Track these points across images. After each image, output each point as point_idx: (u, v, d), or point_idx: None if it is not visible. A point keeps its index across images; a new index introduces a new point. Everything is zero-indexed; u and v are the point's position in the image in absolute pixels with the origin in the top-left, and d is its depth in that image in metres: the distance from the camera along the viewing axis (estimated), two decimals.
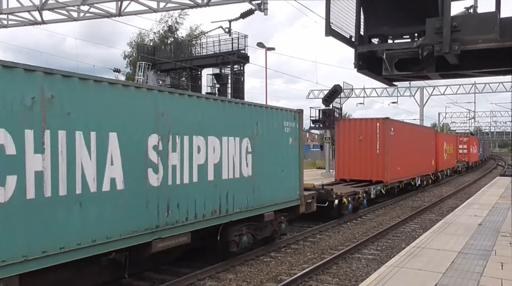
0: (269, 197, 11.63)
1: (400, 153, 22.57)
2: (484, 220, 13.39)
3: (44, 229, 6.37)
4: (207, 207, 9.51)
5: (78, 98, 6.87)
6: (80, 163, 6.89)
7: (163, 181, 8.45)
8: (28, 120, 6.21)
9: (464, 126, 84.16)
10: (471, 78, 39.53)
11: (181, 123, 8.91)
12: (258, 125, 11.31)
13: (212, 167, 9.73)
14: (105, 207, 7.28)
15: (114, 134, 7.45)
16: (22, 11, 20.16)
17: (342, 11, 4.03)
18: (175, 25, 41.35)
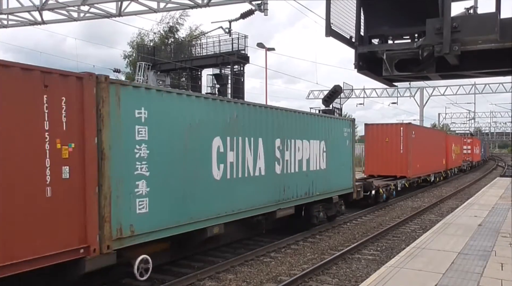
0: (335, 185, 15.55)
1: (419, 153, 25.99)
2: (484, 220, 13.39)
3: (232, 197, 10.49)
4: (303, 190, 13.55)
5: (246, 116, 11.08)
6: (246, 157, 11.01)
7: (282, 170, 12.50)
8: (228, 131, 10.39)
9: (464, 127, 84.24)
10: (471, 79, 39.57)
11: (290, 131, 12.96)
12: (329, 131, 15.32)
13: (305, 162, 13.72)
14: (257, 186, 11.37)
15: (261, 139, 11.62)
16: (22, 11, 20.16)
17: (342, 11, 4.04)
18: (176, 25, 41.39)
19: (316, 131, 14.48)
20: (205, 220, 9.65)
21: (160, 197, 8.51)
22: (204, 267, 10.31)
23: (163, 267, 10.34)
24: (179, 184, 8.99)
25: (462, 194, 27.16)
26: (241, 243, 12.92)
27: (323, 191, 14.65)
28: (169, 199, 8.72)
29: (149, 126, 8.27)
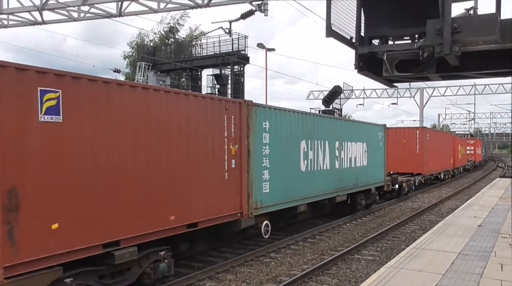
0: (372, 178, 19.13)
1: (432, 153, 29.65)
2: (484, 221, 13.40)
3: (311, 185, 13.98)
4: (351, 181, 17.03)
5: (318, 125, 14.67)
6: (319, 155, 14.59)
7: (339, 166, 15.98)
8: (309, 135, 13.95)
9: (464, 128, 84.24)
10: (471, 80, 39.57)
11: (344, 135, 16.51)
12: (369, 135, 18.88)
13: (353, 159, 17.26)
14: (325, 177, 14.99)
15: (327, 141, 15.20)
16: (23, 11, 20.16)
17: (343, 12, 4.04)
18: (176, 26, 41.37)
19: (360, 135, 18.09)
20: (297, 200, 13.35)
21: (275, 182, 12.16)
22: (204, 267, 10.31)
23: None
24: (283, 173, 12.59)
25: (462, 195, 27.16)
26: (241, 243, 12.93)
27: (365, 183, 18.40)
28: (279, 184, 12.33)
29: (270, 133, 12.05)
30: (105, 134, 7.48)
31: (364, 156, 18.34)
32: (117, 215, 7.67)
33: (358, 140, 17.77)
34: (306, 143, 13.85)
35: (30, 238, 6.35)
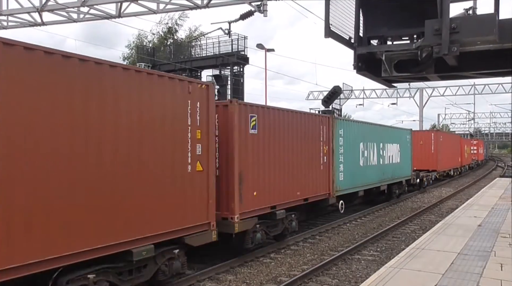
0: (403, 173, 23.98)
1: (444, 153, 34.59)
2: (484, 221, 13.40)
3: (365, 176, 18.64)
4: (389, 175, 21.67)
5: (369, 130, 19.40)
6: (370, 153, 19.17)
7: (382, 162, 20.71)
8: (364, 138, 18.75)
9: (464, 127, 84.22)
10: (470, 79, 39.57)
11: (385, 138, 21.27)
12: (400, 137, 23.85)
13: (391, 157, 21.95)
14: (373, 171, 19.41)
15: (374, 143, 19.61)
16: (22, 12, 20.14)
17: (341, 12, 4.04)
18: (175, 26, 41.36)
19: (395, 138, 23.07)
20: (358, 187, 18.14)
21: (346, 173, 16.84)
22: (204, 268, 10.31)
23: None
24: (350, 167, 17.26)
25: (461, 195, 27.16)
26: None
27: (398, 176, 23.17)
28: (348, 174, 17.01)
29: (343, 138, 16.79)
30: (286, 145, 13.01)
31: (397, 154, 23.17)
32: (279, 189, 12.50)
33: (393, 142, 22.68)
34: (362, 144, 18.69)
35: (246, 199, 11.03)
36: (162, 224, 8.32)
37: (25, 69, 6.24)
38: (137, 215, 7.79)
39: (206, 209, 9.45)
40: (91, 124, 7.04)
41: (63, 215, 6.62)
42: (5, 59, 6.04)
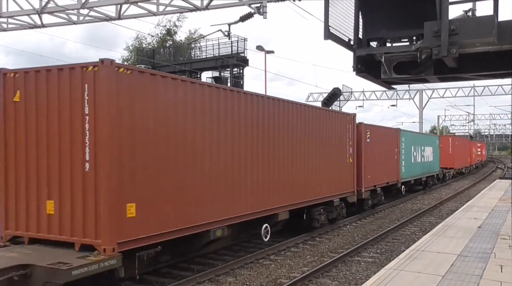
0: (434, 169, 31.92)
1: (458, 154, 41.86)
2: (484, 223, 13.39)
3: (414, 170, 26.66)
4: (426, 170, 29.68)
5: (414, 137, 27.85)
6: (417, 154, 27.22)
7: (423, 160, 28.58)
8: (413, 143, 26.59)
9: (464, 129, 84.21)
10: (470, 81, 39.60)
11: (424, 142, 29.64)
12: (433, 142, 32.03)
13: (427, 156, 29.68)
14: (418, 166, 27.68)
15: (418, 147, 27.56)
16: (22, 14, 20.16)
17: (341, 14, 4.05)
18: (174, 28, 41.36)
19: (429, 142, 31.10)
20: (410, 177, 25.59)
21: (405, 167, 24.24)
22: (204, 270, 10.30)
23: (163, 270, 10.34)
24: (407, 163, 24.49)
25: (461, 196, 27.16)
26: (241, 246, 12.92)
27: (431, 171, 31.24)
28: (406, 168, 24.29)
29: (404, 143, 24.26)
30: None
31: (431, 155, 30.91)
32: (377, 175, 19.95)
33: (429, 146, 30.54)
34: (413, 147, 26.23)
35: (366, 179, 18.53)
36: (338, 190, 16.04)
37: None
38: (329, 184, 15.41)
39: (352, 183, 17.27)
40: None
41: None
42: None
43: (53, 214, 8.04)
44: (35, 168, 8.24)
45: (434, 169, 32.04)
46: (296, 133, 13.24)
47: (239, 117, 10.70)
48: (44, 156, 8.15)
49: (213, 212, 9.80)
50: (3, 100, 8.58)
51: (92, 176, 7.66)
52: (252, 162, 11.14)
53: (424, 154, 28.87)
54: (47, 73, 8.18)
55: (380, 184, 20.64)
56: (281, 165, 12.39)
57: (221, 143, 10.05)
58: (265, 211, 11.69)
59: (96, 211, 7.60)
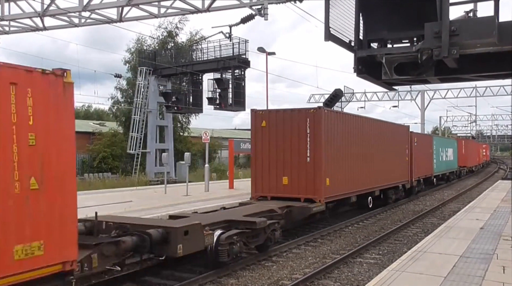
0: (453, 166, 39.96)
1: (469, 154, 48.19)
2: (486, 223, 13.37)
3: (440, 165, 34.38)
4: (449, 167, 37.75)
5: (442, 141, 37.90)
6: (443, 154, 35.37)
7: (446, 159, 36.33)
8: (441, 145, 35.54)
9: (466, 130, 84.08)
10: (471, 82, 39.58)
11: (448, 144, 38.04)
12: (453, 144, 40.47)
13: (449, 156, 37.72)
14: (444, 163, 35.88)
15: (444, 148, 35.66)
16: (24, 17, 20.23)
17: (342, 16, 4.05)
18: (175, 30, 41.38)
19: (450, 144, 38.00)
20: (439, 172, 33.47)
21: (436, 164, 32.43)
22: (206, 272, 10.29)
23: (164, 271, 10.35)
24: (437, 161, 32.68)
25: (464, 197, 27.12)
26: None
27: (452, 169, 38.81)
28: (438, 164, 32.83)
29: (435, 146, 32.22)
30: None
31: (451, 155, 38.28)
32: (421, 168, 27.50)
33: (450, 147, 37.78)
34: (440, 149, 33.48)
35: (414, 173, 25.59)
36: (400, 179, 22.68)
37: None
38: (396, 175, 21.81)
39: (408, 175, 23.85)
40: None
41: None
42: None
43: (287, 184, 15.26)
44: (275, 161, 15.46)
45: (454, 166, 39.97)
46: (379, 140, 19.99)
47: (356, 132, 17.70)
48: (281, 155, 15.33)
49: (354, 186, 17.42)
50: (254, 126, 15.93)
51: (311, 164, 14.88)
52: (363, 159, 18.11)
53: (447, 154, 36.62)
54: (283, 111, 15.63)
55: (422, 176, 27.94)
56: (374, 161, 19.13)
57: (353, 148, 17.28)
58: (369, 188, 18.96)
59: (314, 181, 14.81)
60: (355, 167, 17.24)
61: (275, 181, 15.26)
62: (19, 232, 5.95)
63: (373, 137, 19.20)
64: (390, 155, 21.09)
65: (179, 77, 35.50)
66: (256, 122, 15.76)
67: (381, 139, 20.03)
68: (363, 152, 18.11)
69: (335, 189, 15.50)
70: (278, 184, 15.21)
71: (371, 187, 18.94)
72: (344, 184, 16.36)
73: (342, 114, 17.96)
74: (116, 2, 18.12)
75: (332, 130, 15.40)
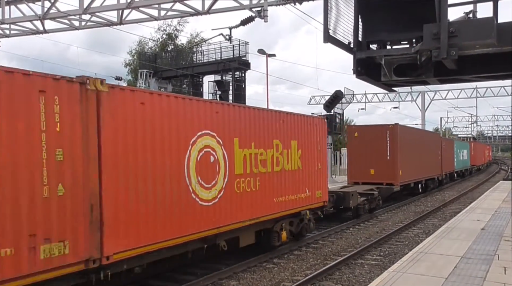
0: (467, 165, 46.83)
1: (477, 154, 54.78)
2: (487, 224, 13.35)
3: (461, 164, 42.84)
4: (464, 165, 44.62)
5: (460, 143, 45.41)
6: (461, 154, 42.62)
7: (463, 158, 43.73)
8: (460, 148, 43.08)
9: (466, 131, 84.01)
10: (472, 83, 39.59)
11: (464, 147, 45.04)
12: (466, 146, 46.49)
13: (464, 156, 44.34)
14: (462, 162, 44.00)
15: (462, 149, 44.24)
16: (24, 20, 20.26)
17: (341, 17, 4.05)
18: (175, 32, 41.47)
19: (466, 146, 45.61)
20: (459, 169, 41.03)
21: (456, 162, 39.21)
22: (207, 274, 10.29)
23: (165, 274, 10.34)
24: (457, 159, 39.65)
25: (465, 198, 27.08)
26: (243, 249, 12.89)
27: (466, 166, 45.59)
28: (457, 163, 39.80)
29: (455, 148, 39.05)
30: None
31: (466, 155, 44.10)
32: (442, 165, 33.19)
33: (464, 149, 43.80)
34: (459, 150, 39.28)
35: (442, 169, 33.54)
36: (435, 173, 31.01)
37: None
38: (433, 169, 30.59)
39: (440, 170, 31.66)
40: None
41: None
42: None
43: (373, 173, 22.24)
44: (364, 158, 22.52)
45: (468, 165, 47.01)
46: (426, 145, 28.09)
47: (415, 139, 25.43)
48: (369, 154, 22.23)
49: (414, 176, 24.86)
50: (349, 135, 24.04)
51: (391, 160, 21.99)
52: (419, 158, 25.43)
53: (463, 154, 43.49)
54: (370, 126, 23.85)
55: (448, 172, 35.42)
56: (423, 159, 26.57)
57: (414, 150, 24.55)
58: (421, 178, 26.70)
59: (393, 172, 21.92)
60: (415, 163, 24.82)
61: (364, 171, 22.45)
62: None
63: (423, 142, 27.72)
64: (430, 155, 29.18)
65: (179, 79, 35.58)
66: (350, 134, 24.14)
67: (427, 144, 28.59)
68: (419, 153, 25.87)
69: (405, 177, 23.10)
70: (367, 173, 22.44)
71: (421, 178, 27.01)
72: (409, 174, 23.93)
73: (407, 127, 27.46)
74: (116, 4, 18.15)
75: (402, 138, 22.77)
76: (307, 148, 13.34)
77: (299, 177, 12.84)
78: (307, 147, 13.31)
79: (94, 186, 6.96)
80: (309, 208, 13.51)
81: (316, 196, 13.85)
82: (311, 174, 13.45)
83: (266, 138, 11.39)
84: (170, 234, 8.41)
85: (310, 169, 13.43)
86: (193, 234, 9.02)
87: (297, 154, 12.75)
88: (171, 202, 8.46)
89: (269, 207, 11.48)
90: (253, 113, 11.09)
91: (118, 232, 7.36)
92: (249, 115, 10.90)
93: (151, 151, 8.06)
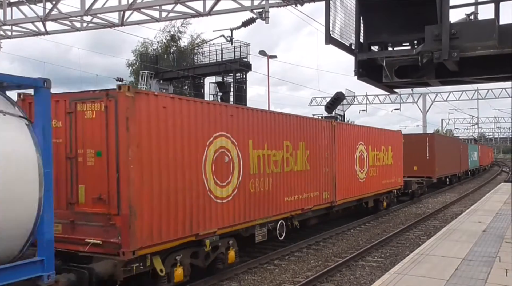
0: (477, 165, 51.86)
1: (483, 156, 59.05)
2: (488, 226, 13.33)
3: (471, 163, 48.29)
4: (475, 165, 50.03)
5: (471, 146, 50.32)
6: (472, 155, 48.04)
7: (474, 159, 49.43)
8: (471, 150, 49.27)
9: (468, 132, 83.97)
10: (473, 84, 39.60)
11: (474, 149, 50.02)
12: (476, 149, 52.20)
13: (474, 156, 49.52)
14: (473, 162, 50.18)
15: (472, 151, 49.84)
16: (26, 22, 20.27)
17: (342, 19, 4.06)
18: (178, 34, 41.53)
19: (476, 148, 50.73)
20: (471, 168, 47.14)
21: (469, 162, 45.80)
22: (208, 276, 10.28)
23: None
24: (470, 160, 46.03)
25: (466, 200, 27.04)
26: (244, 251, 12.89)
27: (476, 166, 50.45)
28: (470, 163, 45.71)
29: (469, 150, 45.49)
30: None
31: (475, 156, 48.56)
32: (449, 167, 34.79)
33: (475, 151, 48.88)
34: (471, 152, 45.40)
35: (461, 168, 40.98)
36: (457, 170, 38.70)
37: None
38: (456, 166, 38.70)
39: (459, 168, 39.53)
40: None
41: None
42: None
43: (416, 169, 28.28)
44: (409, 158, 25.72)
45: (477, 165, 51.87)
46: (452, 148, 35.40)
47: (448, 142, 36.00)
48: (412, 155, 27.26)
49: (445, 172, 32.78)
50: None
51: (430, 160, 29.34)
52: (449, 158, 33.36)
53: (474, 156, 48.60)
54: (413, 135, 31.51)
55: (464, 170, 41.39)
56: (450, 159, 33.45)
57: (446, 151, 32.19)
58: (449, 174, 33.88)
59: (431, 168, 29.44)
60: (445, 162, 31.73)
61: (408, 168, 25.55)
62: None
63: (450, 146, 34.90)
64: (454, 156, 36.24)
65: (181, 80, 35.60)
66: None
67: (451, 147, 35.69)
68: (447, 154, 32.50)
69: (440, 172, 30.48)
70: (411, 169, 26.76)
71: (449, 173, 33.98)
72: (442, 170, 30.93)
73: (441, 135, 36.30)
74: (117, 6, 18.15)
75: (437, 143, 29.91)
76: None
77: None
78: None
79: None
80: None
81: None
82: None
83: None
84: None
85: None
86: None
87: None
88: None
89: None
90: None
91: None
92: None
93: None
